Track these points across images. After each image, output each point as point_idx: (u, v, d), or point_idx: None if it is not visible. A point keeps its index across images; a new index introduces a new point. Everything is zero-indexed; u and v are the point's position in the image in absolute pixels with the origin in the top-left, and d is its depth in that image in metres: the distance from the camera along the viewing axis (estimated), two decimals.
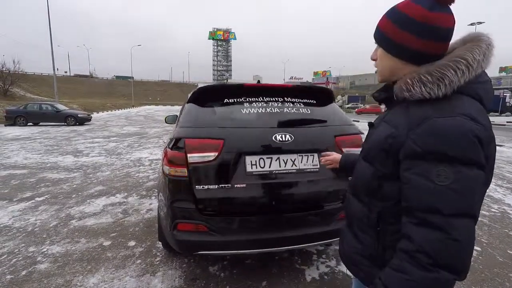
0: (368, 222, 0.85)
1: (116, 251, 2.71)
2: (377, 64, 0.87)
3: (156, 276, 2.33)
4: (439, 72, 0.71)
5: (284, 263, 2.55)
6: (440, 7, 0.73)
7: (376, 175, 0.82)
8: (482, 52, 0.72)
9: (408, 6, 0.76)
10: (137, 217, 3.51)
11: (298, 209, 2.11)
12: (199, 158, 1.92)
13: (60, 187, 4.73)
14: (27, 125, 15.74)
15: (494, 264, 2.56)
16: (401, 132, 0.73)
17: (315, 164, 2.10)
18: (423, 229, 0.66)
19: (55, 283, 2.23)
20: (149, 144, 9.33)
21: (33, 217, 3.49)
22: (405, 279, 0.67)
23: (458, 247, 0.64)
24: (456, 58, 0.71)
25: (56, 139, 10.41)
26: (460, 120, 0.66)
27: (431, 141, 0.67)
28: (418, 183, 0.68)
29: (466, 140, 0.65)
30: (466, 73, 0.70)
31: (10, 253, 2.67)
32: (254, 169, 1.98)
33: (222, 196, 1.93)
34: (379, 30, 0.83)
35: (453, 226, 0.64)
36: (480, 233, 3.17)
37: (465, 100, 0.71)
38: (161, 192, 2.27)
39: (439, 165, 0.66)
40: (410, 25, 0.75)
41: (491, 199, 4.30)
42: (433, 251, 0.64)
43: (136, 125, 16.49)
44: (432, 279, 0.64)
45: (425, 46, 0.75)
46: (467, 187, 0.65)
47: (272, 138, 2.02)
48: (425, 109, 0.71)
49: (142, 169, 5.96)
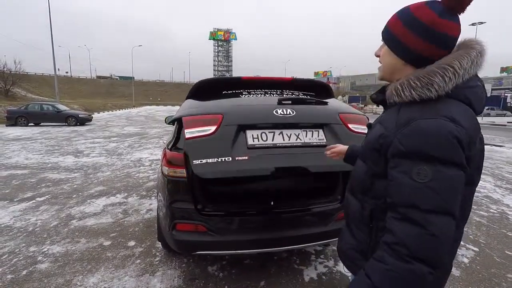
0: (362, 219, 0.89)
1: (116, 251, 2.73)
2: (381, 60, 0.89)
3: (156, 276, 2.35)
4: (427, 78, 0.74)
5: (282, 263, 2.56)
6: (450, 15, 0.76)
7: (369, 173, 0.86)
8: (471, 60, 0.75)
9: (420, 9, 0.78)
10: (137, 217, 3.53)
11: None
12: (197, 132, 1.81)
13: (61, 187, 4.75)
14: (28, 125, 15.78)
15: (491, 265, 2.57)
16: (390, 132, 0.78)
17: (321, 139, 1.99)
18: (403, 224, 0.70)
19: (56, 282, 2.25)
20: (150, 145, 9.35)
21: (34, 217, 3.52)
22: (384, 268, 0.71)
23: (434, 242, 0.67)
24: (444, 65, 0.74)
25: (57, 140, 10.44)
26: (441, 121, 0.69)
27: (413, 141, 0.71)
28: (401, 181, 0.72)
29: (445, 141, 0.68)
30: (453, 80, 0.73)
31: (11, 252, 2.69)
32: (256, 142, 1.87)
33: (223, 169, 1.76)
34: (388, 28, 0.85)
35: (430, 222, 0.67)
36: (478, 234, 3.19)
37: (451, 104, 0.74)
38: (160, 193, 2.29)
39: (420, 164, 0.69)
40: (418, 27, 0.77)
41: (490, 200, 4.31)
42: (411, 244, 0.68)
43: (136, 125, 16.52)
44: (408, 269, 0.67)
45: (428, 50, 0.78)
46: (445, 186, 0.68)
47: (273, 112, 1.95)
48: (412, 111, 0.75)
49: (142, 170, 5.99)
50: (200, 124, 1.84)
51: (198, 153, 1.77)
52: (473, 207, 3.99)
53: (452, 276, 2.40)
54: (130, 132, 12.88)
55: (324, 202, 2.20)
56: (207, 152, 1.76)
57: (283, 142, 1.91)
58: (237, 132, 1.85)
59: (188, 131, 1.81)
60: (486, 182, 5.24)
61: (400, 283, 0.69)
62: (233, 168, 1.75)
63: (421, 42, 0.77)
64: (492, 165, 6.73)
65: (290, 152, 1.90)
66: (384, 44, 0.87)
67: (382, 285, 0.70)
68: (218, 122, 1.84)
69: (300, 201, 2.20)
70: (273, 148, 1.88)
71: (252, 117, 1.94)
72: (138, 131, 13.53)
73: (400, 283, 0.69)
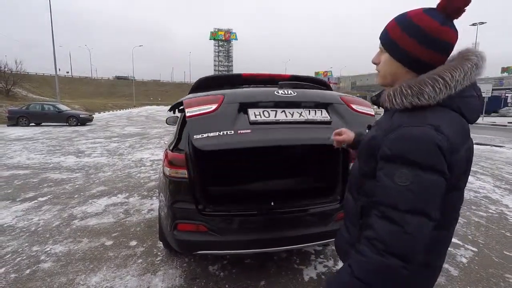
0: (355, 215, 0.94)
1: (118, 251, 2.76)
2: (380, 68, 0.90)
3: (157, 275, 2.38)
4: (418, 87, 0.77)
5: (282, 263, 2.59)
6: (450, 22, 0.78)
7: (361, 172, 0.91)
8: (464, 72, 0.77)
9: (419, 16, 0.80)
10: (139, 217, 3.56)
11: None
12: (198, 111, 1.76)
13: (63, 187, 4.79)
14: (30, 125, 15.83)
15: (489, 265, 2.59)
16: (380, 136, 0.82)
17: (325, 116, 1.96)
18: (383, 221, 0.75)
19: (58, 281, 2.28)
20: (151, 145, 9.38)
21: (36, 217, 3.55)
22: (362, 260, 0.76)
23: (409, 240, 0.72)
24: (435, 76, 0.77)
25: (58, 140, 10.48)
26: (425, 129, 0.73)
27: (398, 146, 0.75)
28: (384, 182, 0.77)
29: (426, 148, 0.72)
30: (444, 90, 0.76)
31: (14, 252, 2.72)
32: (259, 118, 1.83)
33: (225, 141, 1.68)
34: (388, 34, 0.86)
35: (407, 221, 0.72)
36: (477, 234, 3.21)
37: (440, 112, 0.77)
38: (161, 193, 2.32)
39: (402, 167, 0.73)
40: (419, 35, 0.79)
41: (489, 200, 4.33)
42: (387, 240, 0.73)
43: (137, 125, 16.56)
44: (384, 263, 0.72)
45: (430, 57, 0.80)
46: (423, 189, 0.72)
47: (274, 92, 1.93)
48: (403, 117, 0.79)
49: (143, 170, 6.02)
50: (201, 103, 1.82)
51: (199, 128, 1.70)
52: (472, 207, 4.02)
53: (451, 276, 2.42)
54: (131, 132, 12.92)
55: (324, 203, 2.23)
56: (208, 127, 1.70)
57: (286, 118, 1.87)
58: (239, 110, 1.82)
59: (188, 110, 1.77)
60: (486, 183, 5.26)
61: (376, 275, 0.74)
62: (235, 139, 1.69)
63: (425, 50, 0.79)
64: (492, 165, 6.74)
65: (294, 127, 1.86)
66: (383, 51, 0.88)
67: (360, 275, 0.76)
68: (219, 101, 1.81)
69: (300, 201, 2.23)
70: (276, 123, 1.84)
71: (253, 96, 1.93)
72: (138, 131, 13.57)
73: (376, 275, 0.74)
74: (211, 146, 1.64)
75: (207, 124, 1.72)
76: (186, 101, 1.87)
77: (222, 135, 1.67)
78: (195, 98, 1.90)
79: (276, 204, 2.15)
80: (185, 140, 2.18)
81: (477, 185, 5.10)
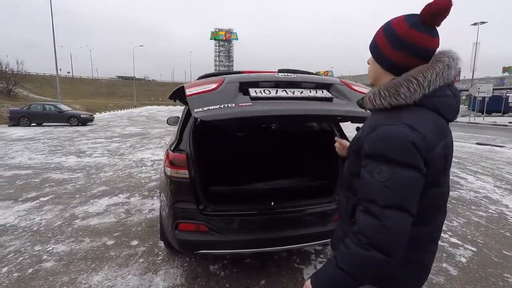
0: (347, 213, 0.97)
1: (119, 250, 2.78)
2: (368, 68, 0.98)
3: (158, 275, 2.40)
4: (394, 89, 0.83)
5: (282, 263, 2.61)
6: (423, 27, 0.82)
7: (350, 171, 0.96)
8: (436, 72, 0.81)
9: (397, 21, 0.87)
10: (140, 217, 3.58)
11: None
12: (198, 90, 1.74)
13: (64, 187, 4.81)
14: (31, 125, 15.87)
15: (488, 264, 2.61)
16: (363, 136, 0.87)
17: (327, 94, 1.91)
18: (365, 216, 0.80)
19: (61, 281, 2.31)
20: (151, 145, 9.41)
21: (38, 216, 3.57)
22: (348, 253, 0.80)
23: (388, 233, 0.75)
24: (410, 77, 0.82)
25: (59, 140, 10.51)
26: (399, 128, 0.78)
27: (376, 144, 0.81)
28: (366, 179, 0.81)
29: (401, 145, 0.77)
30: (418, 90, 0.81)
31: (17, 251, 2.74)
32: (260, 95, 1.78)
33: (226, 112, 1.61)
34: (374, 38, 0.93)
35: (385, 216, 0.76)
36: (477, 234, 3.22)
37: (416, 111, 0.82)
38: (163, 193, 2.34)
39: (381, 164, 0.78)
40: (391, 36, 0.86)
41: (489, 200, 4.34)
42: (369, 234, 0.77)
43: (138, 125, 16.59)
44: (367, 256, 0.77)
45: (399, 58, 0.86)
46: (400, 185, 0.76)
47: (274, 75, 1.93)
48: (380, 118, 0.85)
49: (144, 170, 6.04)
50: (202, 84, 1.81)
51: (199, 104, 1.64)
52: (472, 207, 4.03)
53: (450, 275, 2.43)
54: (132, 132, 12.95)
55: (324, 203, 2.25)
56: (209, 102, 1.65)
57: (287, 95, 1.83)
58: (239, 89, 1.79)
59: (189, 89, 1.74)
60: (486, 183, 5.27)
61: (359, 266, 0.79)
62: (236, 110, 1.63)
63: (392, 50, 0.86)
64: (493, 165, 6.75)
65: (295, 102, 1.83)
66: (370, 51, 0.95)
67: (343, 265, 0.81)
68: (220, 81, 1.80)
69: (299, 202, 2.25)
70: (277, 99, 1.80)
71: (253, 77, 1.92)
72: (139, 131, 13.59)
73: (358, 266, 0.79)
74: (212, 116, 1.59)
75: (207, 99, 1.68)
76: (186, 84, 1.88)
77: (223, 107, 1.63)
78: (195, 81, 1.91)
79: (276, 204, 2.17)
80: (186, 140, 2.20)
81: (477, 185, 5.11)
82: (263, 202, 2.19)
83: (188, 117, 2.40)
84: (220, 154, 3.23)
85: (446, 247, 2.91)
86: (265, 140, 3.68)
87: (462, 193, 4.69)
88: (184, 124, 2.34)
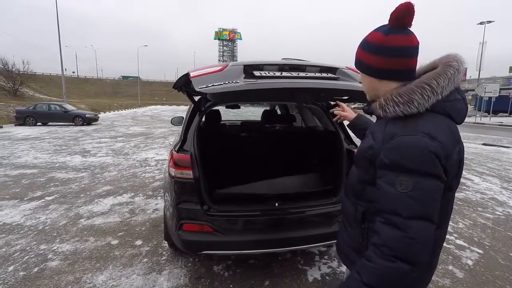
0: (355, 219, 0.98)
1: (124, 250, 2.80)
2: (362, 86, 1.02)
3: (162, 275, 2.40)
4: (407, 95, 0.83)
5: (286, 263, 2.60)
6: (396, 30, 0.87)
7: (361, 179, 0.95)
8: (448, 78, 0.83)
9: (371, 34, 0.93)
10: (144, 217, 3.59)
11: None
12: (203, 71, 1.72)
13: (69, 186, 4.85)
14: (36, 125, 16.03)
15: (496, 267, 2.57)
16: (377, 145, 0.86)
17: (333, 75, 1.92)
18: (387, 227, 0.79)
19: (66, 280, 2.32)
20: (155, 145, 9.44)
21: (44, 215, 3.60)
22: (372, 267, 0.79)
23: (414, 244, 0.75)
24: (423, 84, 0.83)
25: (65, 139, 10.60)
26: (419, 138, 0.78)
27: (395, 155, 0.79)
28: (386, 190, 0.80)
29: (422, 155, 0.76)
30: (431, 97, 0.82)
31: (23, 250, 2.77)
32: (264, 74, 1.78)
33: (231, 86, 1.61)
34: (356, 57, 0.98)
35: (410, 226, 0.75)
36: (483, 236, 3.18)
37: (431, 119, 0.83)
38: (167, 193, 2.34)
39: (401, 175, 0.77)
40: (372, 48, 0.91)
41: (496, 202, 4.28)
42: (393, 245, 0.76)
43: (142, 125, 16.67)
44: (392, 267, 0.76)
45: (386, 63, 0.89)
46: (423, 195, 0.76)
47: (278, 60, 1.92)
48: (396, 126, 0.84)
49: (148, 170, 6.06)
50: (206, 67, 1.79)
51: (204, 82, 1.62)
52: (478, 209, 3.98)
53: (456, 278, 2.41)
54: (136, 132, 13.01)
55: (328, 204, 2.23)
56: (214, 81, 1.63)
57: (292, 75, 1.83)
58: (244, 72, 1.78)
59: (193, 73, 1.71)
60: (493, 184, 5.20)
61: (386, 280, 0.77)
62: (240, 84, 1.63)
63: (379, 58, 0.89)
64: (499, 166, 6.67)
65: (300, 80, 1.81)
66: (359, 72, 0.99)
67: (370, 281, 0.79)
68: (223, 66, 1.79)
69: (304, 203, 2.24)
70: (282, 77, 1.79)
71: (258, 61, 1.90)
72: (143, 131, 13.66)
73: (385, 280, 0.78)
74: (216, 89, 1.58)
75: (212, 79, 1.65)
76: (190, 70, 1.83)
77: (228, 84, 1.62)
78: (199, 68, 1.86)
79: (280, 205, 2.16)
80: (190, 140, 2.20)
81: (484, 187, 5.05)
82: (268, 203, 2.18)
83: (192, 117, 2.41)
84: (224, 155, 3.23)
85: (452, 249, 2.88)
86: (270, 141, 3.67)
87: (468, 194, 4.63)
88: (189, 125, 2.34)
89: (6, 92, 32.52)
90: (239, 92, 1.73)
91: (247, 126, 3.82)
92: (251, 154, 3.32)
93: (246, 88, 1.62)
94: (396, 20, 0.87)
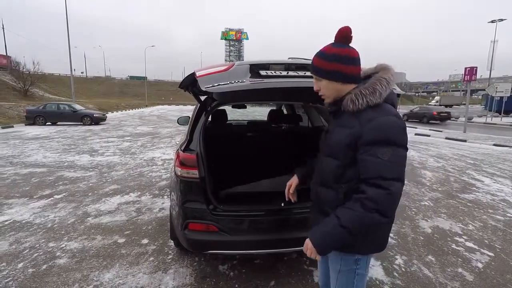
0: (338, 202, 1.13)
1: (130, 248, 2.82)
2: (323, 92, 1.18)
3: (168, 274, 2.41)
4: (371, 87, 1.08)
5: (292, 264, 2.58)
6: (340, 45, 1.12)
7: (339, 165, 1.13)
8: (392, 74, 1.12)
9: (325, 48, 1.16)
10: (150, 216, 3.61)
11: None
12: (209, 71, 1.73)
13: (77, 185, 4.91)
14: (46, 124, 16.30)
15: (507, 270, 2.51)
16: (356, 130, 1.06)
17: None
18: (373, 188, 1.01)
19: (73, 277, 2.35)
20: (162, 144, 9.51)
21: (52, 214, 3.66)
22: (352, 214, 1.03)
23: (391, 200, 1.01)
24: (380, 78, 1.10)
25: (73, 139, 10.75)
26: (393, 118, 1.05)
27: (377, 132, 1.02)
28: (371, 161, 1.02)
29: (399, 130, 1.04)
30: (387, 87, 1.08)
31: (32, 247, 2.81)
32: (270, 74, 1.77)
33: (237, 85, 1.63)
34: (318, 67, 1.16)
35: (391, 185, 1.00)
36: (494, 238, 3.11)
37: (388, 106, 1.09)
38: (173, 192, 2.35)
39: (383, 147, 1.01)
40: (328, 56, 1.12)
41: (507, 204, 4.19)
42: (377, 200, 1.00)
43: (149, 125, 16.81)
44: (370, 217, 1.01)
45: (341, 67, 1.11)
46: (399, 161, 1.03)
47: (284, 60, 1.93)
48: (369, 113, 1.06)
49: (155, 169, 6.11)
50: (212, 67, 1.79)
51: (209, 81, 1.63)
52: (489, 210, 3.90)
53: (466, 281, 2.36)
54: (143, 132, 13.13)
55: None
56: (219, 80, 1.64)
57: (299, 75, 1.83)
58: (250, 71, 1.78)
59: (199, 72, 1.72)
60: (504, 186, 5.09)
61: (362, 226, 1.03)
62: (247, 84, 1.64)
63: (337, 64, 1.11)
64: (511, 167, 6.52)
65: (308, 80, 1.77)
66: (319, 79, 1.17)
67: (347, 224, 1.03)
68: (229, 65, 1.79)
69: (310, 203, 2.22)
70: (288, 77, 1.79)
71: (264, 61, 1.89)
72: (150, 130, 13.77)
73: (361, 226, 1.03)
74: (223, 89, 1.59)
75: (218, 78, 1.66)
76: (196, 69, 1.84)
77: (234, 83, 1.63)
78: (205, 67, 1.87)
79: (286, 205, 2.14)
80: (196, 140, 2.20)
81: (495, 188, 4.94)
82: (273, 203, 2.17)
83: (198, 117, 2.41)
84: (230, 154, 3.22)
85: (461, 252, 2.82)
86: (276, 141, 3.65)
87: (479, 195, 4.54)
88: (195, 124, 2.34)
89: (17, 92, 33.11)
90: (245, 92, 1.73)
91: (253, 126, 3.81)
92: (257, 154, 3.31)
93: (252, 88, 1.64)
94: (339, 38, 1.13)
